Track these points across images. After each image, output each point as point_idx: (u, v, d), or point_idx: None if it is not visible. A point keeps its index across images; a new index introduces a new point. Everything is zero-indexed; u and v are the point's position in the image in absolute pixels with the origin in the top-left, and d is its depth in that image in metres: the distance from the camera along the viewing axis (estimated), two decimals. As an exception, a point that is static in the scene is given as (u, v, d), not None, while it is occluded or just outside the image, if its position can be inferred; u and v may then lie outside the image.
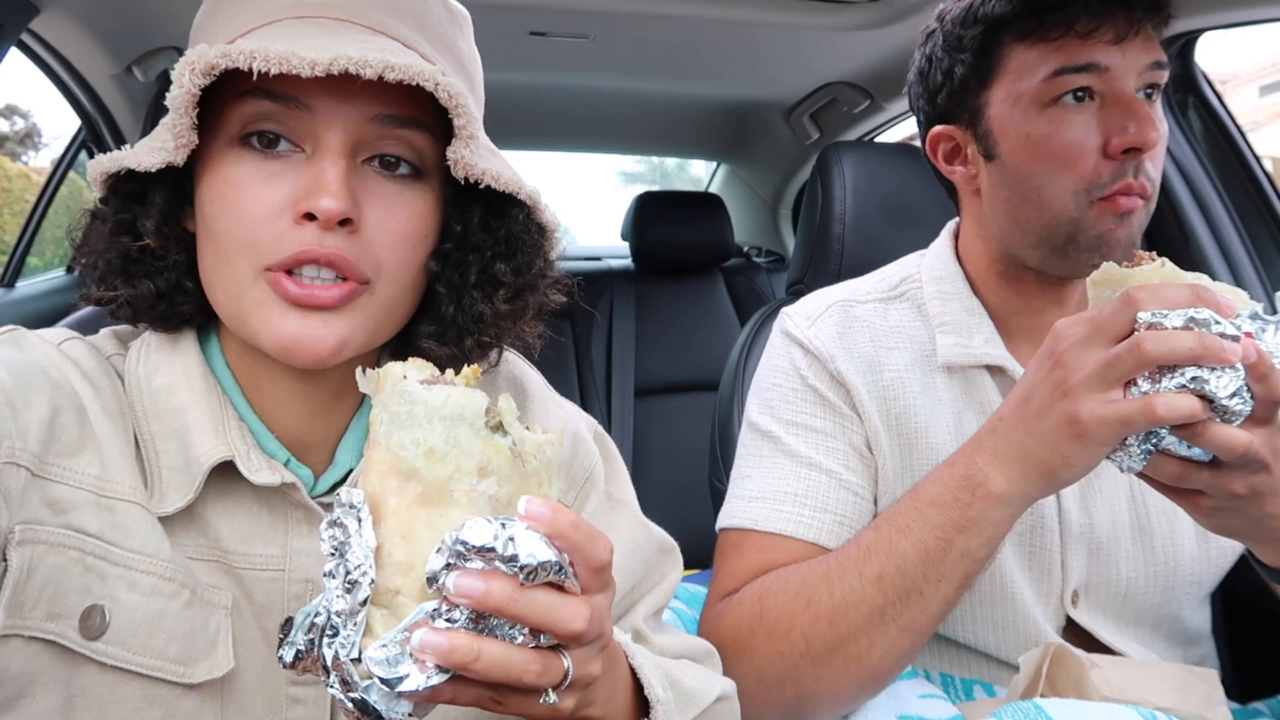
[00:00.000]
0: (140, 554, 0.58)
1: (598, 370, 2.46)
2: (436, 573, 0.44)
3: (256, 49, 0.54)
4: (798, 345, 1.00)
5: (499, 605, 0.43)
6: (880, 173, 1.41)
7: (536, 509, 0.45)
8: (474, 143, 0.61)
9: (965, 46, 0.92)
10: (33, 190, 8.21)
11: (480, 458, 0.46)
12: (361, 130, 0.60)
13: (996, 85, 0.91)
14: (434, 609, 0.44)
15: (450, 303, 0.67)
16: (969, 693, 0.94)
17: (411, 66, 0.56)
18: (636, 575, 0.79)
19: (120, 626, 0.57)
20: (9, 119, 11.91)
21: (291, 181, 0.59)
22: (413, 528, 0.45)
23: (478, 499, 0.45)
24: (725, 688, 0.75)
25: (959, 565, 0.77)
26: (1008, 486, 0.74)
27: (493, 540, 0.43)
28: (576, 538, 0.46)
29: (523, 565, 0.43)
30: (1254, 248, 1.48)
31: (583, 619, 0.46)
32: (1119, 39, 0.84)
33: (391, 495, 0.46)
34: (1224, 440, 0.64)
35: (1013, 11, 0.87)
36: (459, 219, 0.67)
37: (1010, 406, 0.76)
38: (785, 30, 1.79)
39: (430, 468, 0.45)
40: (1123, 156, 0.84)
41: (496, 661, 0.44)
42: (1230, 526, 0.73)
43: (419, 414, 0.45)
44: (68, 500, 0.57)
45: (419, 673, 0.43)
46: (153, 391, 0.64)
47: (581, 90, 2.31)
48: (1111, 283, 0.72)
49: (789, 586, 0.84)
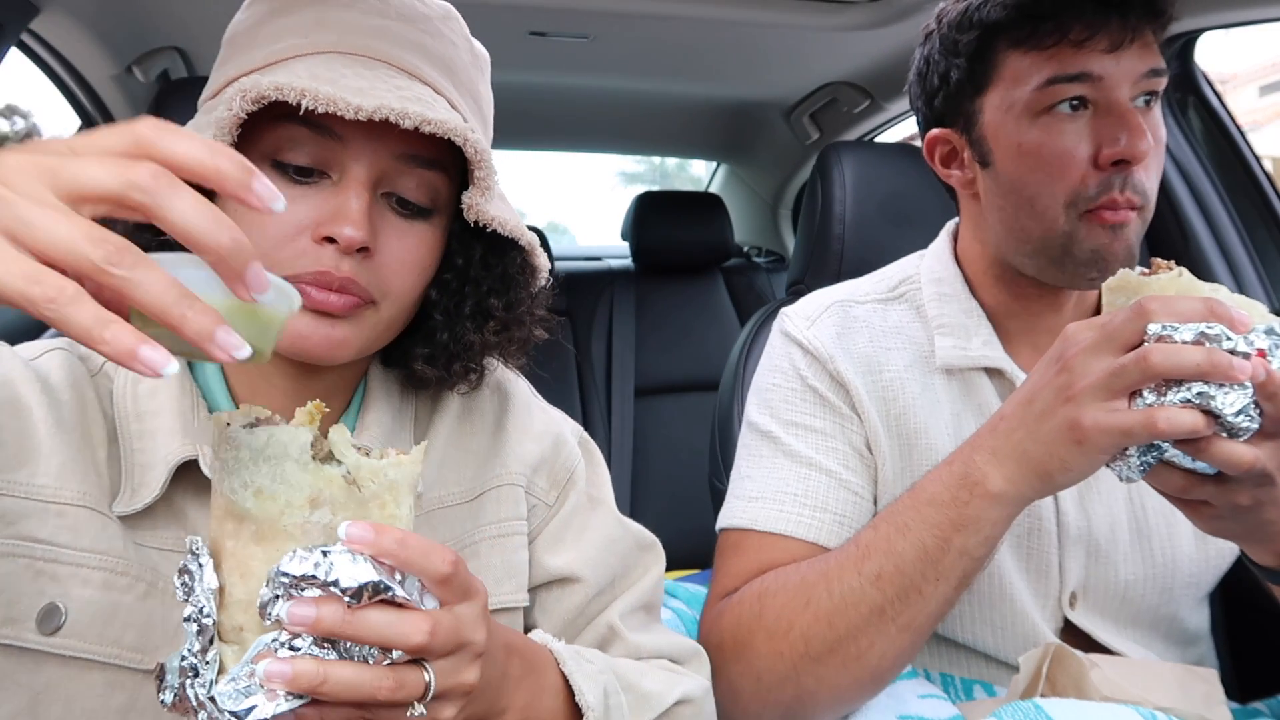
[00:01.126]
0: (91, 552, 0.61)
1: (598, 370, 2.46)
2: (266, 604, 0.45)
3: (308, 88, 0.58)
4: (797, 345, 1.00)
5: (332, 629, 0.45)
6: (880, 173, 1.41)
7: (357, 532, 0.46)
8: (489, 192, 0.66)
9: (961, 51, 0.91)
10: (33, 190, 8.20)
11: (310, 490, 0.47)
12: (386, 165, 0.65)
13: (991, 92, 0.91)
14: (274, 639, 0.45)
15: (444, 330, 0.73)
16: (969, 692, 0.94)
17: (446, 123, 0.61)
18: (613, 570, 0.80)
19: (76, 620, 0.60)
20: (9, 119, 11.92)
21: (316, 204, 0.63)
22: (249, 565, 0.47)
23: (311, 530, 0.47)
24: (689, 690, 0.75)
25: (957, 564, 0.77)
26: (1005, 486, 0.74)
27: (312, 569, 0.45)
28: (405, 554, 0.47)
29: (344, 588, 0.45)
30: (1254, 248, 1.48)
31: (422, 632, 0.47)
32: (1113, 47, 0.83)
33: (229, 538, 0.47)
34: (1228, 456, 0.63)
35: (1007, 18, 0.87)
36: (462, 253, 0.73)
37: (1012, 406, 0.76)
38: (785, 30, 1.79)
39: (261, 506, 0.47)
40: (1112, 168, 0.84)
41: (345, 682, 0.45)
42: (1229, 530, 0.73)
43: (244, 458, 0.47)
44: (15, 511, 0.60)
45: (268, 701, 0.44)
46: (137, 395, 0.67)
47: (581, 90, 2.31)
48: (1127, 290, 0.72)
49: (788, 586, 0.84)
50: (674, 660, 0.80)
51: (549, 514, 0.80)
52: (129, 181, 0.39)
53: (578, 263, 2.83)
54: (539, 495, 0.80)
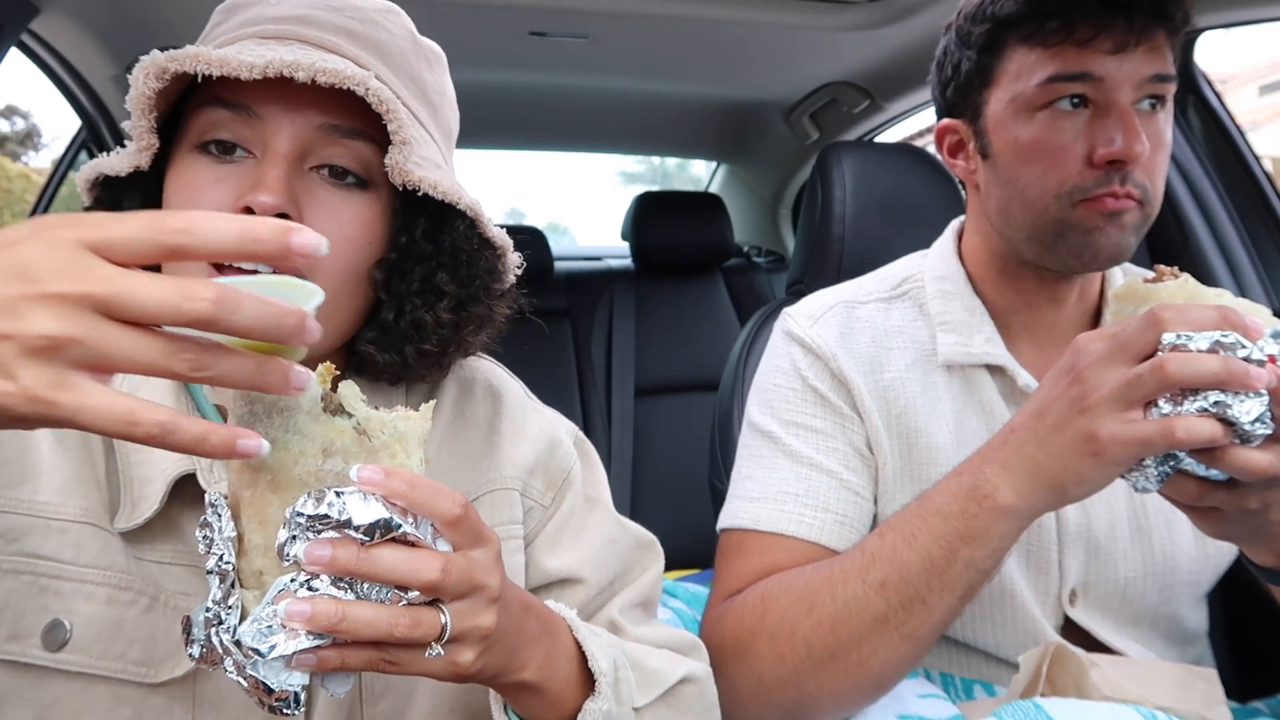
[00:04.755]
0: (94, 568, 0.61)
1: (598, 370, 2.46)
2: (284, 544, 0.47)
3: (201, 53, 0.58)
4: (799, 345, 1.00)
5: (348, 567, 0.46)
6: (880, 173, 1.41)
7: (367, 474, 0.47)
8: (408, 148, 0.64)
9: (972, 43, 0.92)
10: (33, 190, 8.21)
11: (322, 440, 0.49)
12: (307, 138, 0.64)
13: (997, 85, 0.91)
14: (293, 580, 0.47)
15: (390, 309, 0.70)
16: (969, 692, 0.94)
17: (342, 71, 0.60)
18: (613, 569, 0.80)
19: (81, 635, 0.60)
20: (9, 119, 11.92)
21: (238, 182, 0.63)
22: (266, 512, 0.49)
23: (324, 477, 0.49)
24: (693, 670, 0.76)
25: (963, 575, 0.76)
26: (1015, 499, 0.74)
27: (326, 509, 0.46)
28: (415, 495, 0.48)
29: (357, 526, 0.47)
30: (1254, 248, 1.48)
31: (434, 569, 0.48)
32: (1118, 49, 0.83)
33: (246, 488, 0.49)
34: (1244, 464, 0.63)
35: (1017, 13, 0.87)
36: (404, 229, 0.70)
37: (1023, 418, 0.75)
38: (785, 30, 1.79)
39: (275, 456, 0.49)
40: (1108, 167, 0.84)
41: (363, 620, 0.46)
42: (1232, 533, 0.73)
43: (258, 411, 0.49)
44: (17, 528, 0.60)
45: (289, 640, 0.46)
46: None
47: (581, 90, 2.31)
48: (1135, 298, 0.71)
49: (792, 590, 0.84)
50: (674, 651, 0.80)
51: (545, 516, 0.80)
52: (193, 315, 0.40)
53: (578, 263, 2.83)
54: (535, 497, 0.79)
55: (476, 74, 2.07)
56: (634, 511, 2.26)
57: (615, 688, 0.65)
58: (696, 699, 0.76)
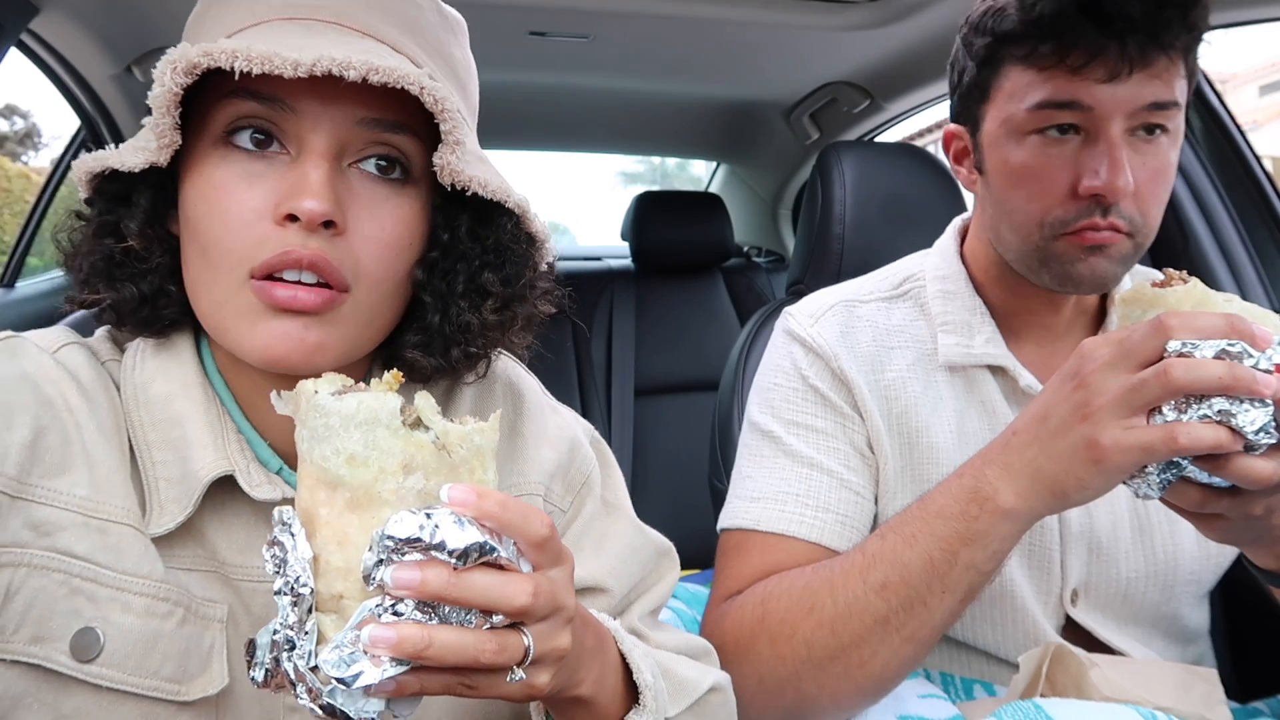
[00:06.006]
0: (134, 576, 0.57)
1: (598, 370, 2.46)
2: (370, 570, 0.45)
3: (239, 48, 0.54)
4: (800, 344, 1.00)
5: (438, 591, 0.44)
6: (880, 173, 1.41)
7: (459, 494, 0.46)
8: (460, 148, 0.60)
9: (973, 54, 0.91)
10: (32, 190, 8.20)
11: (402, 456, 0.47)
12: (347, 133, 0.60)
13: (993, 102, 0.90)
14: (378, 605, 0.45)
15: (436, 312, 0.67)
16: (969, 692, 0.94)
17: (396, 69, 0.56)
18: (634, 578, 0.79)
19: (115, 649, 0.56)
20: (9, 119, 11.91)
21: (274, 183, 0.58)
22: (346, 533, 0.46)
23: (406, 495, 0.47)
24: (719, 679, 0.75)
25: (964, 577, 0.76)
26: (1016, 502, 0.73)
27: (418, 531, 0.44)
28: (506, 516, 0.47)
29: (450, 550, 0.45)
30: (1254, 248, 1.47)
31: (526, 594, 0.47)
32: (1110, 77, 0.81)
33: (322, 506, 0.47)
34: (1248, 472, 0.63)
35: (1014, 31, 0.85)
36: (446, 227, 0.66)
37: (1026, 422, 0.75)
38: (785, 30, 1.79)
39: (354, 473, 0.46)
40: (1090, 199, 0.83)
41: (449, 646, 0.45)
42: (1235, 538, 0.73)
43: (335, 425, 0.47)
44: (53, 522, 0.56)
45: (374, 667, 0.44)
46: (149, 400, 0.63)
47: (581, 90, 2.31)
48: (1142, 302, 0.70)
49: (792, 591, 0.84)
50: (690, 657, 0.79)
51: (565, 521, 0.78)
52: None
53: (578, 263, 2.83)
54: (555, 501, 0.77)
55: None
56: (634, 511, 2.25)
57: (655, 701, 0.64)
58: (721, 708, 0.75)
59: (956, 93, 0.96)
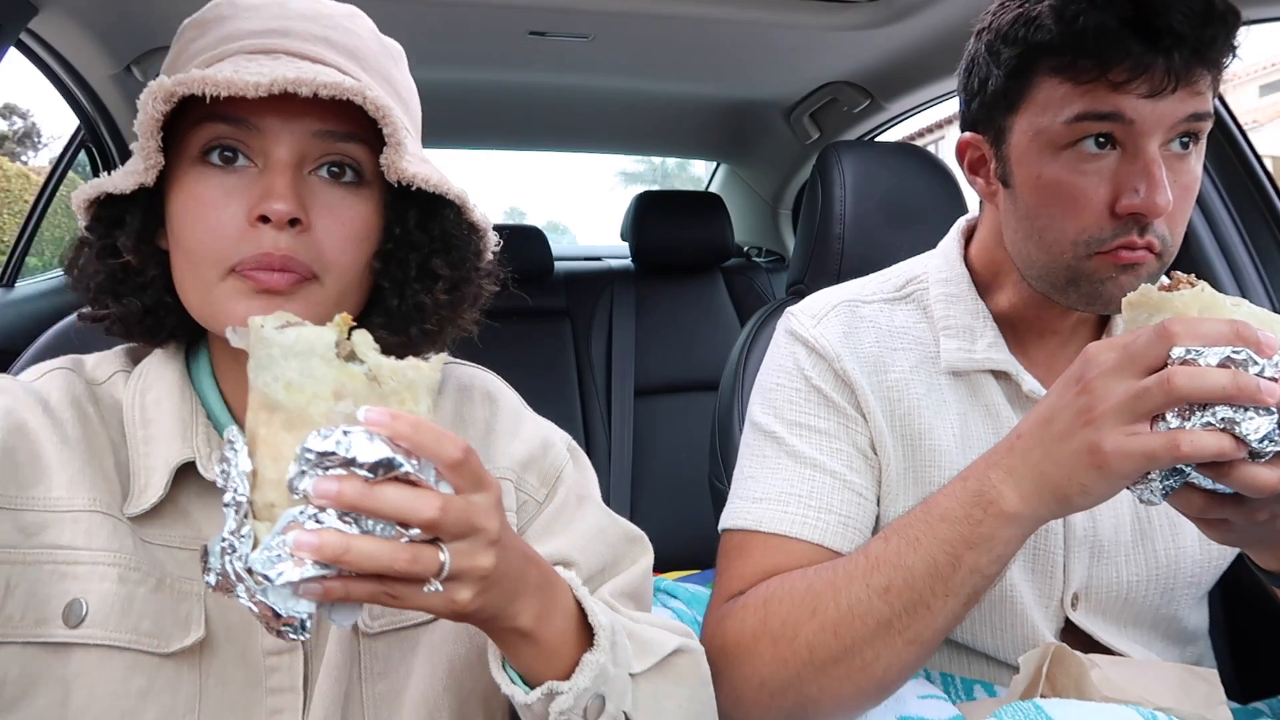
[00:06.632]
0: (105, 550, 0.67)
1: (598, 370, 2.46)
2: (293, 479, 0.50)
3: (208, 76, 0.63)
4: (802, 344, 1.00)
5: (353, 501, 0.49)
6: (880, 172, 1.40)
7: (375, 415, 0.51)
8: (402, 149, 0.68)
9: (1002, 63, 0.87)
10: (32, 190, 8.20)
11: (334, 384, 0.52)
12: (305, 144, 0.69)
13: (1022, 113, 0.87)
14: (301, 512, 0.50)
15: (394, 295, 0.76)
16: (969, 692, 0.94)
17: (342, 83, 0.65)
18: (603, 557, 0.82)
19: (97, 611, 0.66)
20: (8, 119, 11.92)
21: (246, 192, 0.68)
22: (279, 449, 0.52)
23: (335, 418, 0.52)
24: (687, 644, 0.77)
25: (967, 581, 0.76)
26: (1020, 506, 0.73)
27: (334, 446, 0.49)
28: (419, 438, 0.51)
29: (361, 463, 0.49)
30: (1254, 248, 1.47)
31: (433, 508, 0.51)
32: (1154, 92, 0.78)
33: (262, 426, 0.52)
34: (1252, 480, 0.62)
35: (1050, 41, 0.82)
36: (397, 221, 0.75)
37: (1030, 425, 0.74)
38: (785, 30, 1.79)
39: (290, 397, 0.52)
40: (1128, 217, 0.81)
41: (365, 553, 0.49)
42: (1239, 541, 0.73)
43: (275, 355, 0.52)
44: (37, 524, 0.66)
45: (295, 567, 0.49)
46: (144, 405, 0.74)
47: (581, 90, 2.30)
48: (1148, 306, 0.69)
49: (794, 593, 0.84)
50: None
51: (539, 509, 0.83)
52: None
53: (578, 263, 2.83)
54: (529, 492, 0.83)
55: (477, 74, 2.06)
56: (634, 511, 2.26)
57: (613, 648, 0.67)
58: (691, 671, 0.77)
59: (976, 101, 0.92)
